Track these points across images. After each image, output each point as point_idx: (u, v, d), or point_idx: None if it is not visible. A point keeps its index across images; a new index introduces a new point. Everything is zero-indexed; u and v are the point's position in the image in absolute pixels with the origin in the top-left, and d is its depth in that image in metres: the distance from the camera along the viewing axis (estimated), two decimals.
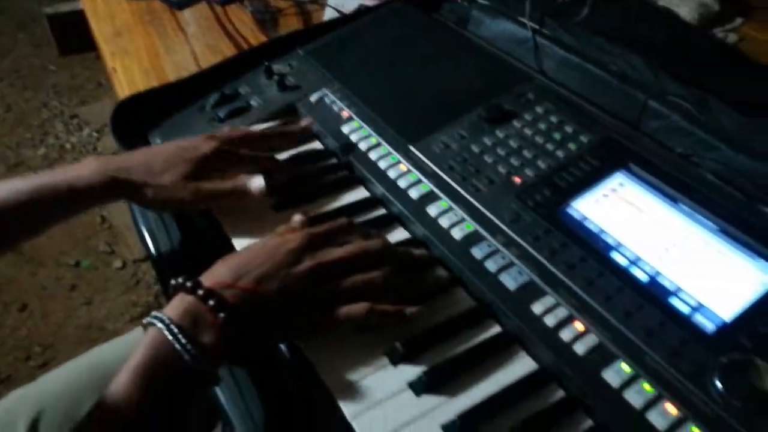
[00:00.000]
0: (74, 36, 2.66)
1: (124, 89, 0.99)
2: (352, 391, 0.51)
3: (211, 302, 0.50)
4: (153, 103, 0.85)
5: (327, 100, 0.82)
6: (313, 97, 0.83)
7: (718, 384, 0.49)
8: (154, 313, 0.50)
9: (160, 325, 0.49)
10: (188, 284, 0.51)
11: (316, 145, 0.79)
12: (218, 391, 0.58)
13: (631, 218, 0.62)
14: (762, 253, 0.57)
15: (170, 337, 0.48)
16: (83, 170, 0.63)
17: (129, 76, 1.02)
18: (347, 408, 0.51)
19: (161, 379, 0.48)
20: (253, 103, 0.84)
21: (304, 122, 0.78)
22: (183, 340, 0.48)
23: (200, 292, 0.51)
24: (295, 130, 0.78)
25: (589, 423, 0.50)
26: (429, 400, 0.51)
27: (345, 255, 0.56)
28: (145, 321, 0.50)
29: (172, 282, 0.52)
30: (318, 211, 0.68)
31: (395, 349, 0.54)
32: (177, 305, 0.51)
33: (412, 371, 0.53)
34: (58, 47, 2.80)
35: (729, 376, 0.49)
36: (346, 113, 0.80)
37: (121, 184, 0.64)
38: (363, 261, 0.57)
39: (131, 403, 0.46)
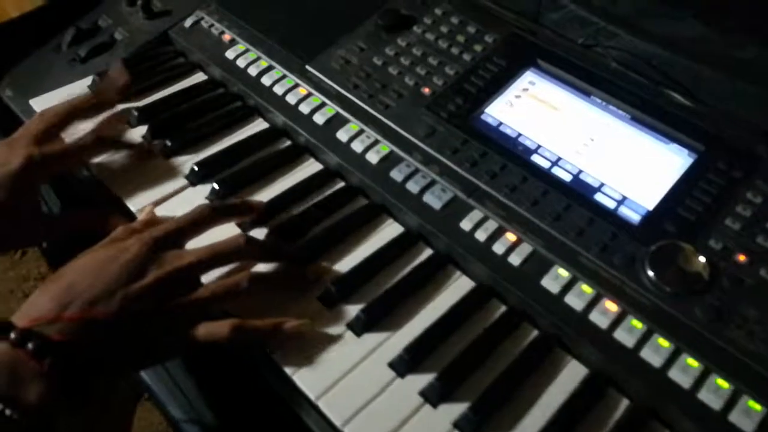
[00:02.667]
0: None
1: None
2: (290, 348, 0.47)
3: (30, 345, 0.39)
4: None
5: (204, 24, 0.73)
6: (188, 22, 0.73)
7: (650, 272, 0.49)
8: None
9: None
10: None
11: (200, 76, 0.71)
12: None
13: (547, 117, 0.60)
14: (674, 137, 0.58)
15: None
16: None
17: None
18: (287, 364, 0.47)
19: None
20: (117, 36, 0.73)
21: (115, 73, 0.65)
22: None
23: (13, 335, 0.39)
24: (110, 98, 0.62)
25: (535, 333, 0.50)
26: (372, 339, 0.48)
27: (198, 258, 0.46)
28: None
29: None
30: (214, 150, 0.61)
31: (329, 292, 0.50)
32: None
33: (349, 311, 0.50)
34: None
35: (658, 264, 0.50)
36: (227, 36, 0.71)
37: None
38: (222, 261, 0.48)
39: None
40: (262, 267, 0.51)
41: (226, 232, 0.51)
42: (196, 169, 0.58)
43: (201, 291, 0.46)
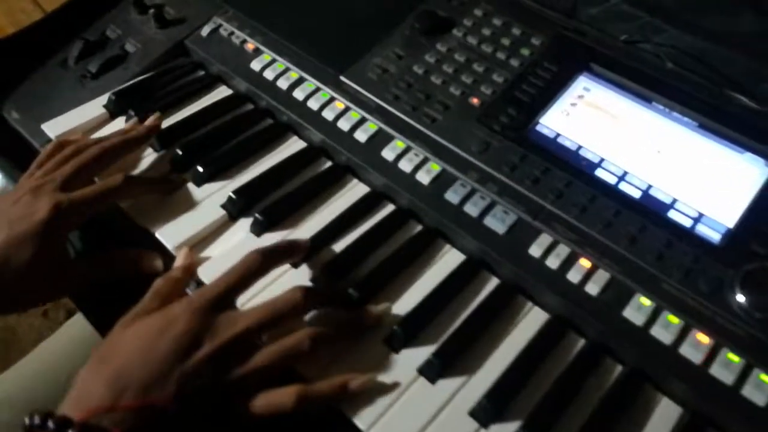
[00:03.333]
0: None
1: None
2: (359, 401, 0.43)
3: None
4: None
5: (223, 32, 0.67)
6: (205, 30, 0.68)
7: (741, 298, 0.46)
8: None
9: None
10: (51, 425, 0.36)
11: (223, 90, 0.65)
12: None
13: (607, 127, 0.56)
14: (747, 144, 0.54)
15: None
16: None
17: None
18: (358, 419, 0.43)
19: None
20: (129, 48, 0.67)
21: (150, 121, 0.58)
22: None
23: None
24: (138, 135, 0.56)
25: (619, 369, 0.46)
26: (447, 385, 0.44)
27: (255, 322, 0.42)
28: None
29: (26, 422, 0.37)
30: (251, 175, 0.56)
31: (395, 335, 0.46)
32: None
33: (419, 354, 0.46)
34: None
35: (750, 288, 0.46)
36: (251, 45, 0.66)
37: None
38: (280, 321, 0.43)
39: None
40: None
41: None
42: (234, 197, 0.54)
43: (259, 358, 0.41)
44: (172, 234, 0.52)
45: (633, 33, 0.64)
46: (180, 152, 0.57)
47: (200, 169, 0.56)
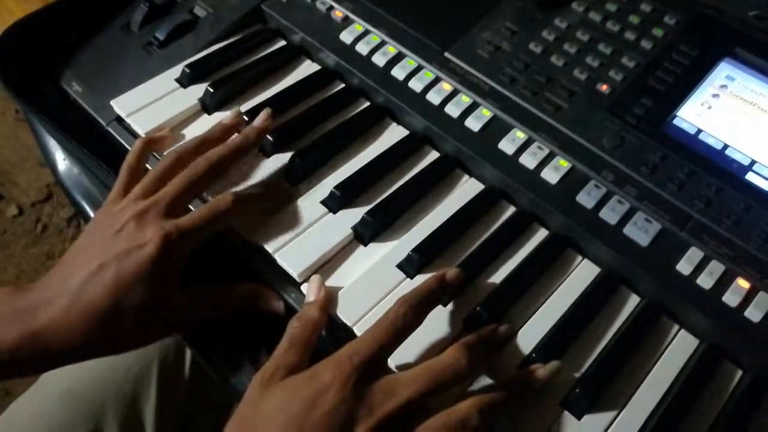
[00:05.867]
0: None
1: None
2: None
3: None
4: (48, 32, 0.59)
5: None
6: None
7: None
8: None
9: None
10: None
11: (308, 66, 0.58)
12: None
13: (756, 122, 0.50)
14: None
15: None
16: None
17: None
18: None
19: None
20: (198, 12, 0.60)
21: (260, 121, 0.50)
22: None
23: None
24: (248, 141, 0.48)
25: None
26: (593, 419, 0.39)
27: (415, 392, 0.35)
28: None
29: None
30: (352, 168, 0.50)
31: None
32: None
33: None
34: None
35: None
36: (338, 12, 0.58)
37: None
38: (443, 387, 0.36)
39: None
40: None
41: None
42: (337, 194, 0.47)
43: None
44: (293, 257, 0.45)
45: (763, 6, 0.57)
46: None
47: (299, 161, 0.49)
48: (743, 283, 0.43)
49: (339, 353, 0.36)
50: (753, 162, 0.48)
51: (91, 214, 0.55)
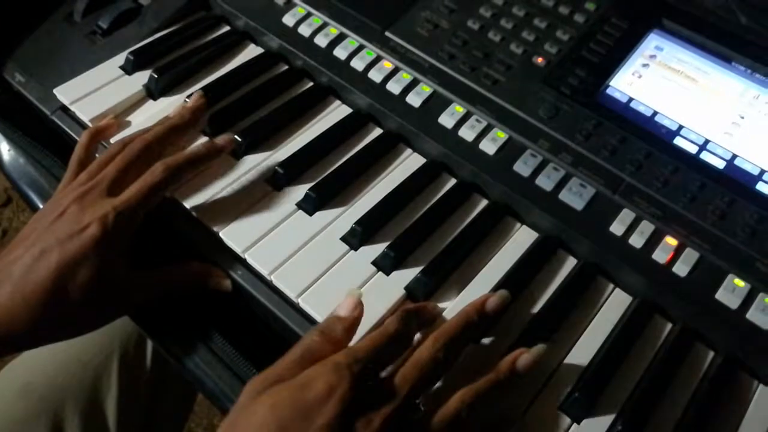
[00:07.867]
0: None
1: None
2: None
3: None
4: None
5: None
6: None
7: None
8: None
9: None
10: None
11: (252, 49, 0.59)
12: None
13: (683, 90, 0.52)
14: None
15: None
16: None
17: None
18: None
19: None
20: (142, 0, 0.60)
21: (192, 101, 0.51)
22: None
23: None
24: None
25: (711, 355, 0.43)
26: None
27: (407, 389, 0.35)
28: None
29: None
30: (295, 147, 0.51)
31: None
32: None
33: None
34: None
35: None
36: None
37: None
38: (435, 377, 0.38)
39: None
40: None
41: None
42: (281, 171, 0.48)
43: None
44: (237, 233, 0.46)
45: None
46: (212, 121, 0.51)
47: (239, 138, 0.50)
48: (671, 241, 0.45)
49: (331, 360, 0.35)
50: (680, 127, 0.50)
51: (39, 205, 0.55)
